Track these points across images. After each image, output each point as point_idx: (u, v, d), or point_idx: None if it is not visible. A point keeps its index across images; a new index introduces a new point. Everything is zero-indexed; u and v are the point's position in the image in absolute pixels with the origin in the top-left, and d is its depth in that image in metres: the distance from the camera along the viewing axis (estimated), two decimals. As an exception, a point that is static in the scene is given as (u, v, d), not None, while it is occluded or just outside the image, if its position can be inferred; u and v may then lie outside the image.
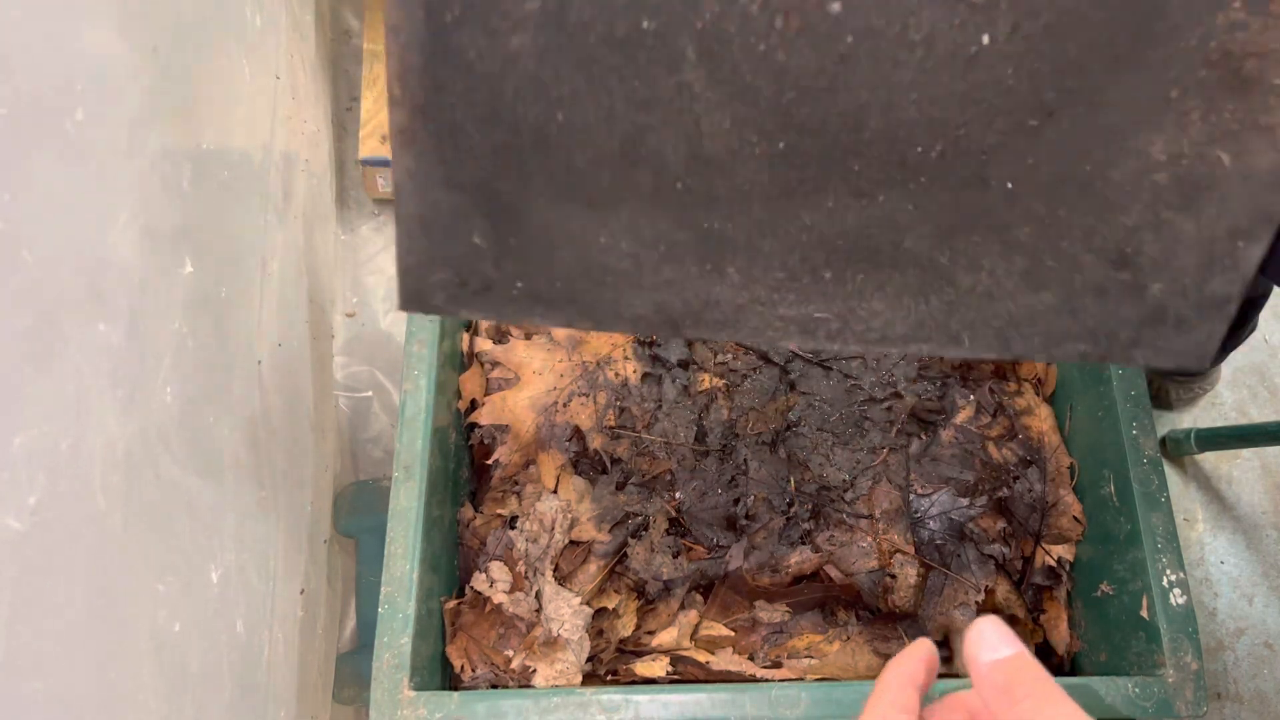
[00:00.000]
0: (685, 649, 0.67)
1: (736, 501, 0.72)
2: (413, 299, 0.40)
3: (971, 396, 0.76)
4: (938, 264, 0.39)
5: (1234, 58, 0.34)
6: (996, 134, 0.36)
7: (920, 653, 0.34)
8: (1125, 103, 0.36)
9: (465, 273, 0.40)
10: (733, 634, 0.68)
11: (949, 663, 0.67)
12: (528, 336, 0.77)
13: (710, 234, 0.38)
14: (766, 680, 0.65)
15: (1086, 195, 0.37)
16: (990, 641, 0.32)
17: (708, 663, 0.66)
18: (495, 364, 0.76)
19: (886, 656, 0.67)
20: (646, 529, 0.71)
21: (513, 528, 0.71)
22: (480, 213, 0.38)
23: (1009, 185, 0.37)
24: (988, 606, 0.69)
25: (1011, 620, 0.70)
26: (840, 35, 0.34)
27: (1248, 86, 0.35)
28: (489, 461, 0.74)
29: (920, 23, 0.33)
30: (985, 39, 0.34)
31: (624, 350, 0.76)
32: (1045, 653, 0.72)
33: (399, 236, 0.39)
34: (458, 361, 0.74)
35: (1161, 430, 1.11)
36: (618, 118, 0.36)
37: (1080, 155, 0.36)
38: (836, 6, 0.33)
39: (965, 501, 0.73)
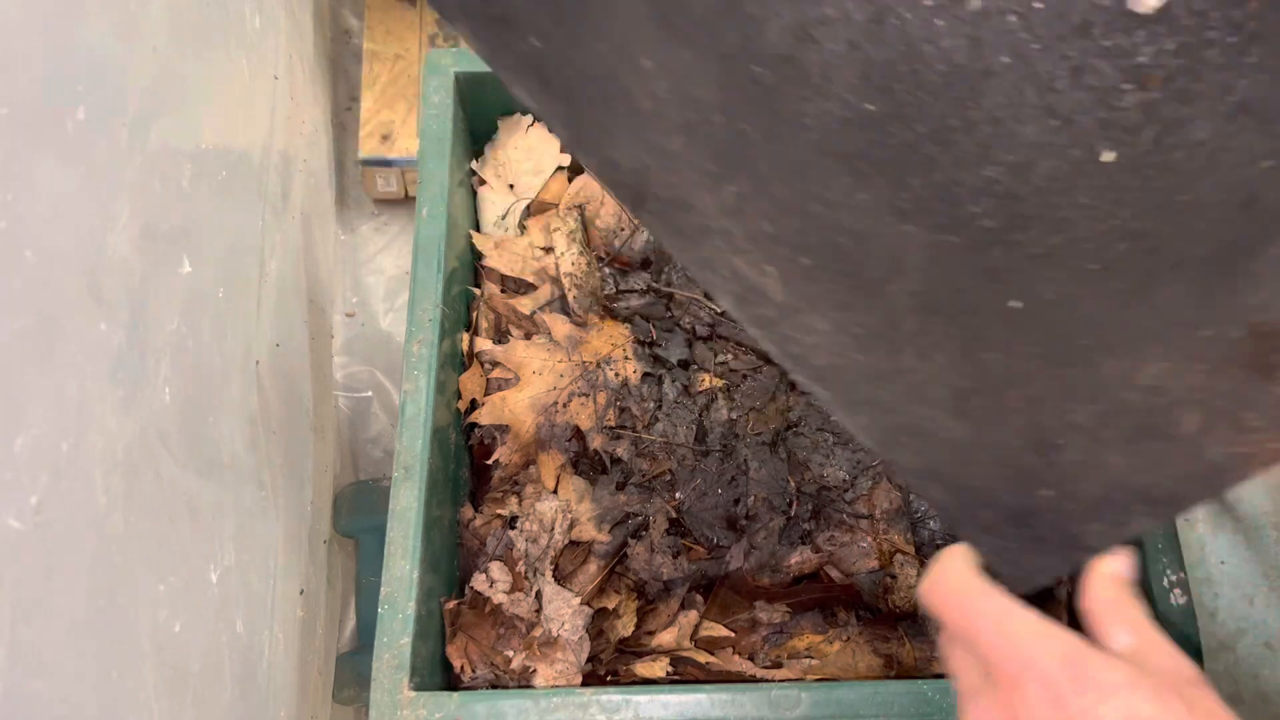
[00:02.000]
0: (685, 649, 0.67)
1: (736, 501, 0.72)
2: None
3: (971, 396, 0.76)
4: (897, 326, 0.35)
5: (1274, 343, 0.32)
6: (1044, 248, 0.33)
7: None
8: (1162, 307, 0.33)
9: None
10: (733, 634, 0.68)
11: (949, 662, 0.67)
12: (527, 336, 0.77)
13: (740, 136, 0.33)
14: (766, 680, 0.65)
15: (1065, 365, 0.34)
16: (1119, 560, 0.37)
17: (708, 663, 0.66)
18: (495, 364, 0.76)
19: (887, 657, 0.67)
20: (646, 529, 0.71)
21: (513, 528, 0.71)
22: None
23: (1017, 303, 0.34)
24: (988, 606, 0.69)
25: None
26: (997, 53, 0.30)
27: (1261, 379, 0.33)
28: (489, 461, 0.74)
29: (1068, 98, 0.30)
30: (1111, 156, 0.31)
31: (624, 350, 0.76)
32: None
33: None
34: (458, 361, 0.74)
35: (1161, 430, 1.11)
36: None
37: (1093, 325, 0.34)
38: (1016, 20, 0.30)
39: (965, 501, 0.73)
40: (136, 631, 0.48)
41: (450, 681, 0.67)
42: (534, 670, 0.65)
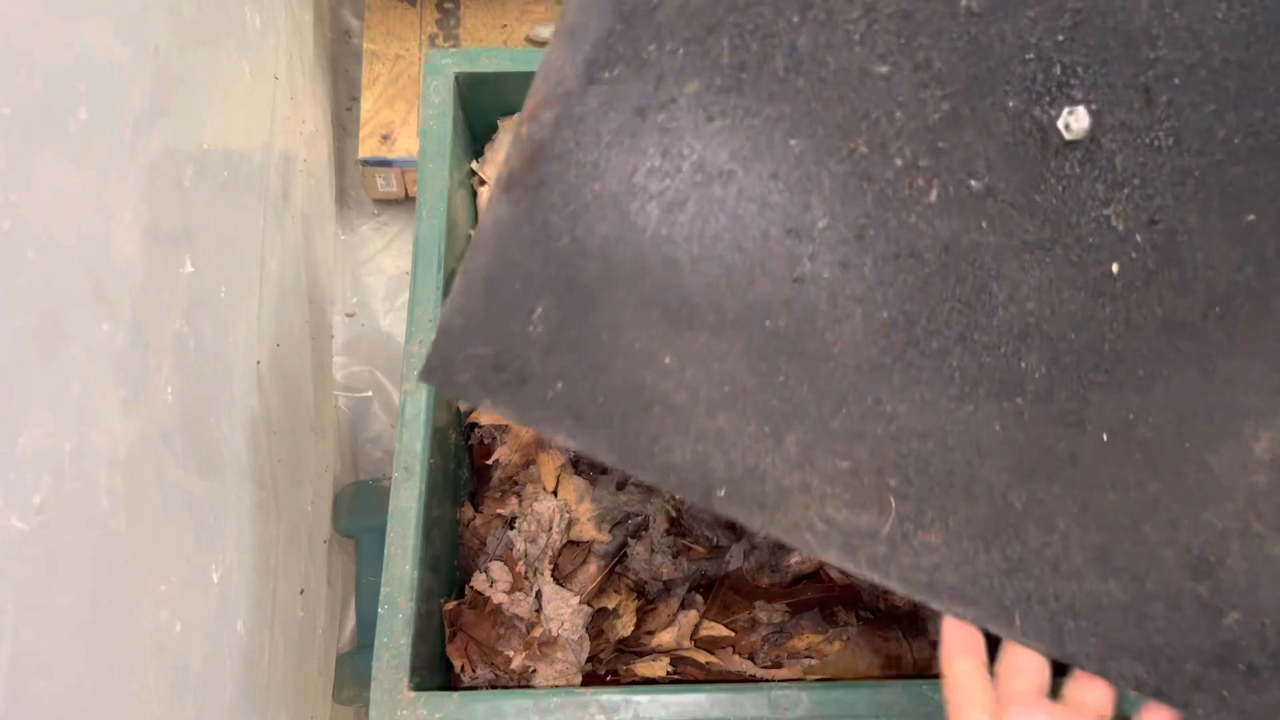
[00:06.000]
0: (685, 649, 0.67)
1: (736, 502, 0.73)
2: (437, 370, 0.35)
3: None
4: (1010, 507, 0.34)
5: None
6: (1103, 372, 0.33)
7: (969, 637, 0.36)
8: (1239, 379, 0.33)
9: (507, 356, 0.34)
10: (733, 634, 0.68)
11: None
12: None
13: (781, 389, 0.34)
14: (766, 680, 0.65)
15: (1179, 475, 0.34)
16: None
17: (708, 663, 0.66)
18: (495, 364, 0.76)
19: (887, 657, 0.67)
20: (646, 529, 0.71)
21: (512, 528, 0.71)
22: (551, 290, 0.34)
23: (1104, 437, 0.34)
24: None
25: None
26: (982, 206, 0.31)
27: None
28: (489, 461, 0.74)
29: (1048, 224, 0.31)
30: (1116, 267, 0.32)
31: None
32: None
33: (455, 292, 0.35)
34: (458, 362, 0.74)
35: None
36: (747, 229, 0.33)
37: (1181, 425, 0.33)
38: (979, 186, 0.31)
39: (964, 502, 0.73)
40: (138, 631, 0.48)
41: (450, 681, 0.67)
42: (534, 670, 0.65)
